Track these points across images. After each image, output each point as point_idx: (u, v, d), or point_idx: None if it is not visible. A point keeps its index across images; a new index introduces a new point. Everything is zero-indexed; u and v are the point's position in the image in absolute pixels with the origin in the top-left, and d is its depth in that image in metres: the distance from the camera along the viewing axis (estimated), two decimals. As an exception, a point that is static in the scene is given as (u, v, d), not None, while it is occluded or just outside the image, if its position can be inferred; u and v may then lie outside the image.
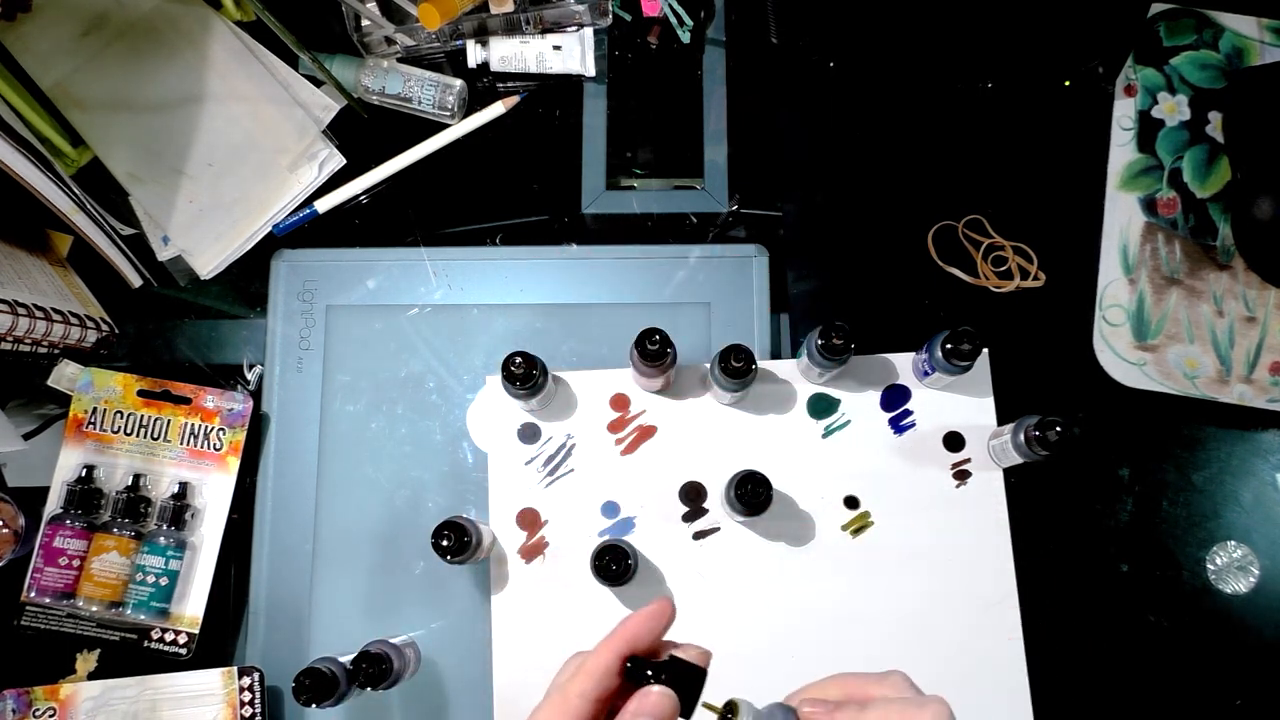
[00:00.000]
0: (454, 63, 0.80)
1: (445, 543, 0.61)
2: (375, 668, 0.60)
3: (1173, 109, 0.79)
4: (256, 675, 0.67)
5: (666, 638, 0.40)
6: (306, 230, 0.77)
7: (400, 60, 0.79)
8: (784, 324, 0.75)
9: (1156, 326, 0.75)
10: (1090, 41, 0.80)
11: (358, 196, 0.78)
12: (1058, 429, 0.63)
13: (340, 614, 0.70)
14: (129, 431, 0.71)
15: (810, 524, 0.70)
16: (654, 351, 0.64)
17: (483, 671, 0.68)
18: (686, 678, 0.38)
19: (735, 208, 0.77)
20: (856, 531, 0.70)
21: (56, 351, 0.71)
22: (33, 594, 0.68)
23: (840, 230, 0.77)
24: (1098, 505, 0.72)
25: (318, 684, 0.57)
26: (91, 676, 0.68)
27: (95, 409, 0.71)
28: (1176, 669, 0.69)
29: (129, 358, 0.75)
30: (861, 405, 0.72)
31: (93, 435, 0.70)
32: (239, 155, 0.76)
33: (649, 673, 0.38)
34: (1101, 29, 0.81)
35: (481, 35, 0.78)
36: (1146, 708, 0.69)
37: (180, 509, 0.69)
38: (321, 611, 0.70)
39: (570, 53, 0.78)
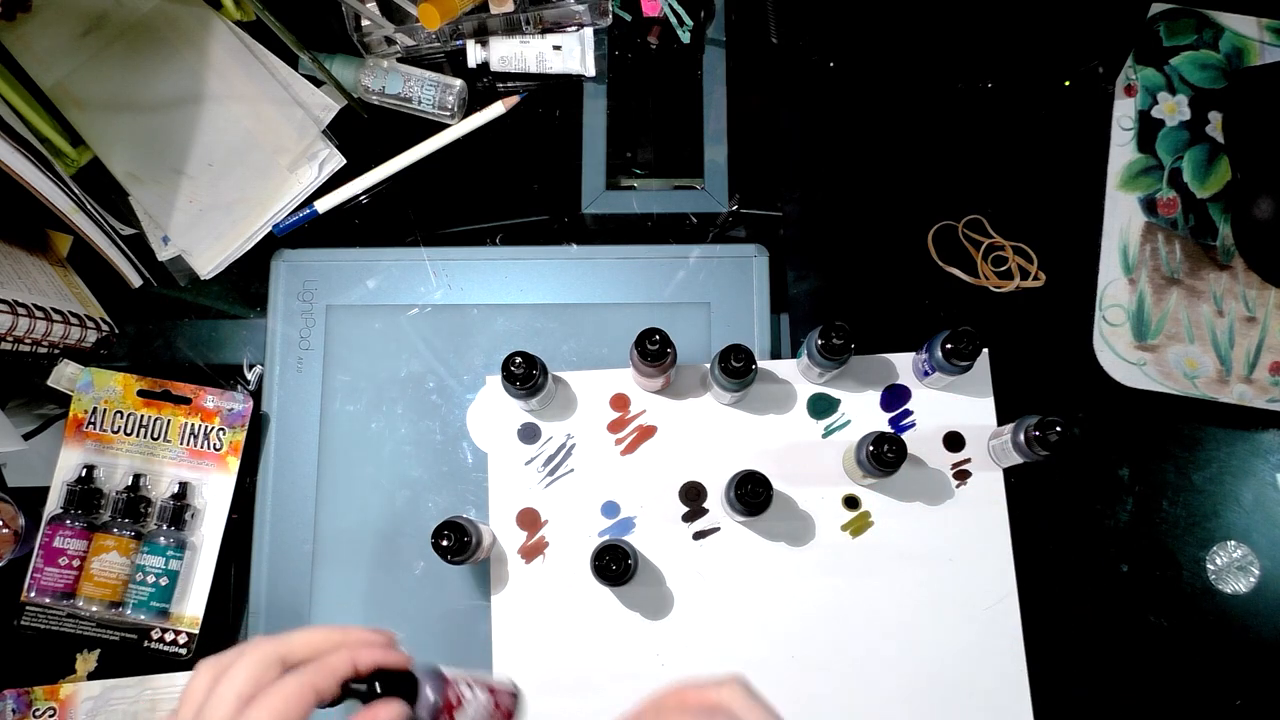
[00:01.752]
0: (454, 63, 0.80)
1: (445, 543, 0.61)
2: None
3: (1173, 109, 0.79)
4: (256, 675, 0.67)
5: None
6: (306, 230, 0.77)
7: (400, 60, 0.79)
8: (784, 324, 0.75)
9: (1156, 326, 0.75)
10: (1090, 41, 0.80)
11: (358, 196, 0.78)
12: (1058, 429, 0.63)
13: (340, 614, 0.70)
14: (129, 431, 0.71)
15: (810, 524, 0.70)
16: (654, 351, 0.64)
17: (483, 671, 0.68)
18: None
19: (735, 208, 0.77)
20: (856, 531, 0.70)
21: (56, 351, 0.71)
22: (33, 594, 0.68)
23: (840, 230, 0.77)
24: (1098, 505, 0.72)
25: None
26: (91, 676, 0.68)
27: (95, 409, 0.71)
28: (1176, 669, 0.69)
29: (129, 358, 0.75)
30: (861, 405, 0.72)
31: (93, 435, 0.70)
32: (239, 155, 0.76)
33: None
34: (1101, 29, 0.81)
35: (481, 35, 0.78)
36: (1146, 708, 0.69)
37: (180, 509, 0.69)
38: (321, 611, 0.70)
39: (570, 53, 0.78)
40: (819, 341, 0.65)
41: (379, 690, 0.42)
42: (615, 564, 0.64)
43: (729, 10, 0.81)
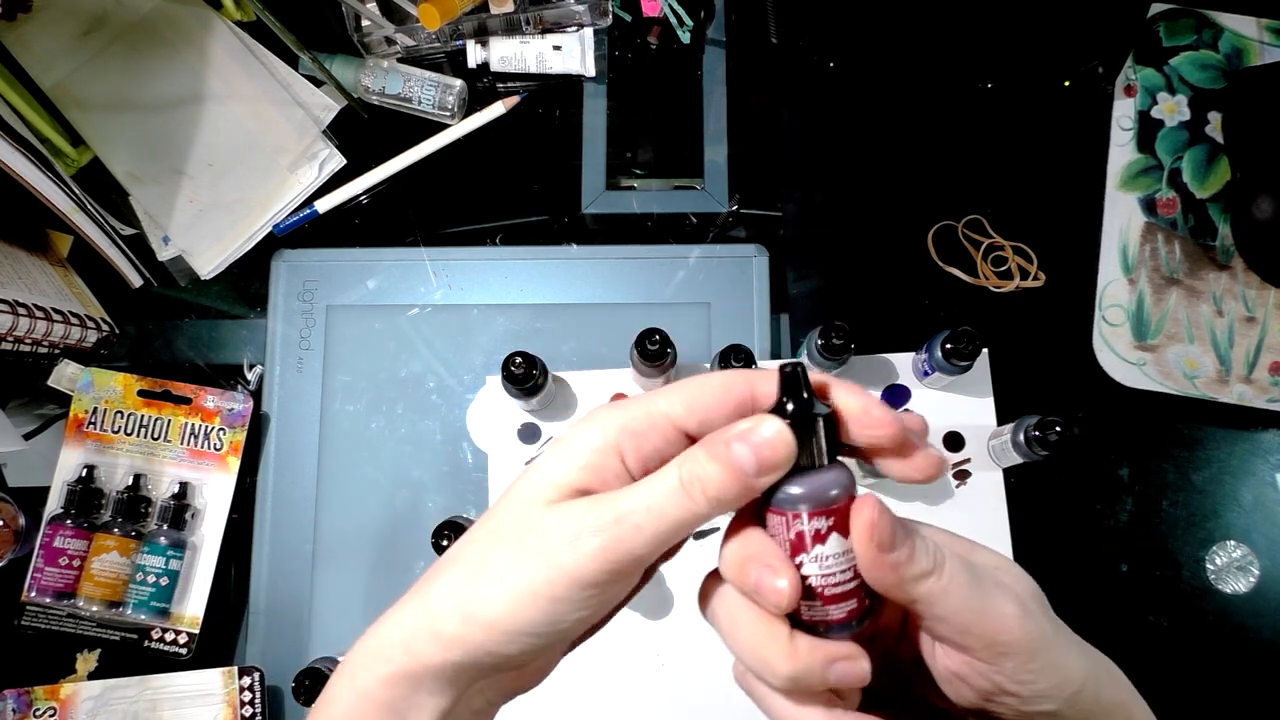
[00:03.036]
0: (454, 63, 0.80)
1: (445, 543, 0.61)
2: None
3: (1172, 109, 0.79)
4: (256, 675, 0.67)
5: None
6: (306, 230, 0.77)
7: (400, 60, 0.79)
8: (784, 324, 0.75)
9: (1156, 326, 0.75)
10: (1090, 41, 0.80)
11: (358, 196, 0.78)
12: (1058, 429, 0.63)
13: (340, 614, 0.70)
14: (129, 431, 0.71)
15: (810, 524, 0.70)
16: (654, 351, 0.64)
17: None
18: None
19: (735, 208, 0.77)
20: (856, 531, 0.70)
21: (57, 351, 0.71)
22: (33, 594, 0.68)
23: (840, 230, 0.77)
24: (1098, 505, 0.72)
25: (317, 684, 0.57)
26: (91, 676, 0.68)
27: (95, 409, 0.71)
28: (1176, 669, 0.69)
29: (129, 358, 0.75)
30: (861, 405, 0.72)
31: (93, 435, 0.70)
32: (239, 155, 0.76)
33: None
34: (1101, 29, 0.81)
35: (481, 35, 0.78)
36: (1146, 708, 0.69)
37: (180, 509, 0.69)
38: (321, 611, 0.70)
39: (570, 53, 0.78)
40: (819, 341, 0.65)
41: (790, 409, 0.29)
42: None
43: (729, 10, 0.81)
